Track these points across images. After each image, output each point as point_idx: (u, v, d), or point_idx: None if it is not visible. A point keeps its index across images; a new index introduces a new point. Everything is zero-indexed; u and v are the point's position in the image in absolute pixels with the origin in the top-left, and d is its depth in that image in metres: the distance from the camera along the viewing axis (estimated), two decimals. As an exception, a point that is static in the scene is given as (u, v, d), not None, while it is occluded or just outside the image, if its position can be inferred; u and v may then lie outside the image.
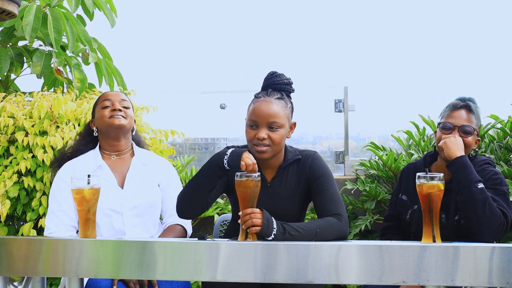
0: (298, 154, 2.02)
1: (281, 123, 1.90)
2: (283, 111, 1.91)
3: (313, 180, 1.97)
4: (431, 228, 1.57)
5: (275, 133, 1.89)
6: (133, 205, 2.09)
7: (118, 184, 2.11)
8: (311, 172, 1.98)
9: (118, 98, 2.18)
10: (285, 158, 2.00)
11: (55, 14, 3.17)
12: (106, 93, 2.23)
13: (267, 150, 1.89)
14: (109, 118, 2.12)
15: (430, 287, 1.42)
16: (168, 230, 2.15)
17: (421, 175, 1.60)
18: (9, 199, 2.44)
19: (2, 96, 2.75)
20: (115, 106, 2.14)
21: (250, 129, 1.91)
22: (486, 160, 2.03)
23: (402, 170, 2.22)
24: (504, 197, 1.91)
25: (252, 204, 1.67)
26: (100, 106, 2.16)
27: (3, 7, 1.67)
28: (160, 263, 1.49)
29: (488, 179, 1.94)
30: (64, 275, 1.54)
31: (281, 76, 1.98)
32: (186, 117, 4.00)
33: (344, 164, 3.52)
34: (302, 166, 2.00)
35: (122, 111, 2.15)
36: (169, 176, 2.24)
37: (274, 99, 1.91)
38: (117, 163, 2.16)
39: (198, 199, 1.85)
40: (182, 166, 3.29)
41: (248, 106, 1.98)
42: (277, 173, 1.99)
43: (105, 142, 2.17)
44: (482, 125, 2.88)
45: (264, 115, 1.88)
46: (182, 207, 1.89)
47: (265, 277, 1.45)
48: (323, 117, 3.82)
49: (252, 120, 1.90)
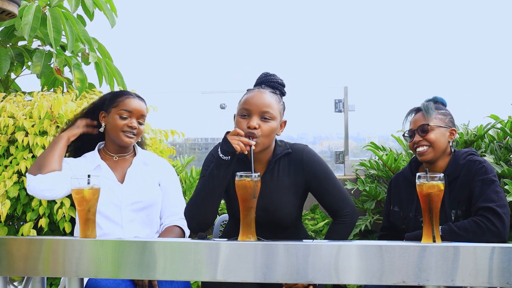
0: (288, 148, 2.00)
1: (273, 115, 1.88)
2: (276, 104, 1.91)
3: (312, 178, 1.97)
4: (431, 228, 1.57)
5: (266, 123, 1.87)
6: (132, 200, 2.09)
7: (118, 180, 2.12)
8: (309, 171, 1.97)
9: (138, 113, 2.13)
10: (274, 153, 1.98)
11: (54, 14, 3.17)
12: (129, 100, 2.14)
13: (258, 143, 1.85)
14: (122, 132, 2.10)
15: (430, 287, 1.42)
16: (166, 232, 2.14)
17: (421, 175, 1.60)
18: (9, 199, 2.44)
19: (2, 96, 2.75)
20: (133, 123, 2.11)
21: (241, 119, 1.88)
22: (468, 152, 2.04)
23: (390, 182, 2.22)
24: (492, 185, 1.90)
25: (252, 204, 1.67)
26: (118, 114, 2.11)
27: (3, 7, 1.67)
28: (160, 263, 1.49)
29: (475, 173, 1.94)
30: (64, 275, 1.54)
31: (274, 76, 1.99)
32: (186, 117, 4.00)
33: (344, 164, 3.52)
34: (294, 160, 1.98)
35: (137, 128, 2.13)
36: (169, 177, 2.24)
37: (268, 91, 1.91)
38: (118, 163, 2.17)
39: (213, 205, 1.85)
40: (182, 166, 3.29)
41: (239, 101, 1.95)
42: (268, 168, 1.97)
43: (110, 143, 2.17)
44: (482, 125, 2.89)
45: (257, 103, 1.86)
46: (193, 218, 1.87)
47: (265, 277, 1.45)
48: (323, 117, 3.83)
49: (244, 109, 1.87)
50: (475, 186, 1.91)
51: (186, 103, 4.08)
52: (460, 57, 6.94)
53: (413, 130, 2.06)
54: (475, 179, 1.92)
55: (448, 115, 2.09)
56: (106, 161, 2.15)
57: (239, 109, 1.92)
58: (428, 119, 2.03)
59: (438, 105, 2.11)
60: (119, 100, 2.14)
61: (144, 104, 2.20)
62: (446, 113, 2.09)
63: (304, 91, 3.81)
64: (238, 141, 1.78)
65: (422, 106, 2.08)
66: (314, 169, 1.97)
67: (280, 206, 1.95)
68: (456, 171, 1.98)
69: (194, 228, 1.88)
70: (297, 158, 1.98)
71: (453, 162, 2.01)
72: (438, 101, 2.13)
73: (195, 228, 1.87)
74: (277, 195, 1.96)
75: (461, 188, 1.95)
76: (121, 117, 2.11)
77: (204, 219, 1.86)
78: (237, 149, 1.77)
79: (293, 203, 1.98)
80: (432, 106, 2.07)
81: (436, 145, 2.00)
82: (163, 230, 2.16)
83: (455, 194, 1.96)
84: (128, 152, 2.20)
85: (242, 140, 1.78)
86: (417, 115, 2.08)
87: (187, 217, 1.90)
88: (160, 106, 3.11)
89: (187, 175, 3.24)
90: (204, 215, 1.86)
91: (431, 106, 2.07)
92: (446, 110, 2.11)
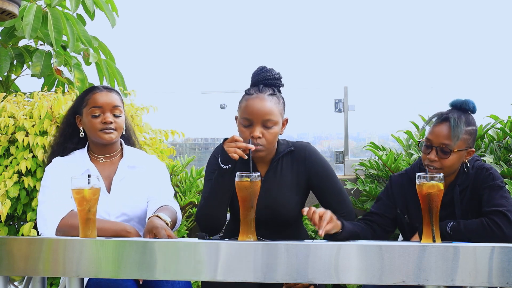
0: (290, 146, 2.02)
1: (275, 120, 1.90)
2: (277, 108, 1.91)
3: (314, 175, 1.99)
4: (431, 228, 1.57)
5: (269, 131, 1.89)
6: (120, 212, 2.01)
7: (105, 188, 2.02)
8: (311, 168, 1.99)
9: (109, 106, 2.00)
10: (277, 151, 2.00)
11: (55, 14, 3.17)
12: (96, 95, 2.02)
13: (262, 149, 1.89)
14: (100, 131, 1.99)
15: (430, 287, 1.43)
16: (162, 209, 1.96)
17: (421, 175, 1.60)
18: (9, 199, 2.44)
19: (2, 96, 2.75)
20: (107, 118, 1.99)
21: (244, 128, 1.90)
22: (474, 158, 1.96)
23: (391, 186, 2.03)
24: (500, 191, 1.85)
25: (252, 204, 1.67)
26: (89, 113, 2.00)
27: (3, 7, 1.67)
28: (160, 263, 1.49)
29: (482, 180, 1.89)
30: (64, 275, 1.55)
31: (271, 71, 1.97)
32: (186, 117, 4.00)
33: (344, 164, 3.53)
34: (297, 158, 2.00)
35: (113, 122, 2.00)
36: (156, 172, 2.13)
37: (267, 96, 1.91)
38: (105, 166, 2.07)
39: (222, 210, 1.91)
40: (182, 166, 3.29)
41: (239, 103, 1.97)
42: (271, 166, 1.99)
43: (94, 145, 2.07)
44: (482, 125, 2.89)
45: (258, 112, 1.87)
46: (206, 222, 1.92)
47: (265, 277, 1.45)
48: (323, 117, 3.83)
49: (245, 119, 1.89)
50: (484, 193, 1.87)
51: (186, 103, 4.08)
52: (460, 57, 6.94)
53: (432, 146, 1.86)
54: (483, 186, 1.88)
55: (474, 132, 1.90)
56: (94, 163, 2.05)
57: (240, 117, 1.93)
58: (453, 140, 1.83)
59: (467, 116, 1.89)
60: (86, 98, 2.03)
61: (116, 94, 2.06)
62: (472, 130, 1.89)
63: (304, 91, 3.81)
64: (235, 149, 1.79)
65: (451, 121, 1.85)
66: (316, 167, 1.99)
67: (282, 203, 1.97)
68: (468, 180, 1.92)
69: (207, 231, 1.92)
70: (299, 155, 2.00)
71: (463, 171, 1.93)
72: (469, 109, 1.92)
73: (209, 231, 1.92)
74: (280, 191, 1.98)
75: (471, 197, 1.91)
76: (94, 116, 1.99)
77: (216, 223, 1.93)
78: (234, 157, 1.79)
79: (295, 200, 2.00)
80: (463, 124, 1.85)
81: (449, 169, 1.86)
82: (159, 208, 1.98)
83: (466, 203, 1.92)
84: (114, 152, 2.09)
85: (239, 146, 1.79)
86: (443, 126, 1.86)
87: (199, 220, 1.94)
88: (160, 106, 3.11)
89: (187, 175, 3.24)
90: (216, 219, 1.93)
91: (462, 124, 1.84)
92: (474, 125, 1.91)
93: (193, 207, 3.16)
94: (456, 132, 1.84)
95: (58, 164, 2.04)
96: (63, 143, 2.10)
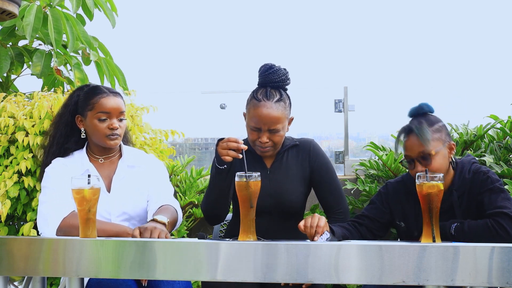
0: (295, 141, 2.12)
1: (282, 126, 1.98)
2: (283, 114, 1.97)
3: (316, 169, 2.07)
4: (431, 228, 1.57)
5: (276, 135, 1.98)
6: (121, 211, 2.01)
7: (105, 188, 2.02)
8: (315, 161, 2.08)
9: (116, 111, 2.01)
10: (282, 145, 2.09)
11: (55, 14, 3.17)
12: (103, 100, 2.01)
13: (270, 150, 2.01)
14: (106, 137, 2.00)
15: (430, 287, 1.43)
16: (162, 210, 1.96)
17: (420, 175, 1.60)
18: (9, 199, 2.45)
19: (2, 96, 2.75)
20: (113, 124, 2.00)
21: (252, 131, 1.99)
22: (470, 161, 1.94)
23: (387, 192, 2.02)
24: (502, 194, 1.83)
25: (252, 204, 1.67)
26: (96, 117, 2.00)
27: (3, 7, 1.67)
28: (160, 263, 1.49)
29: (480, 184, 1.86)
30: (64, 275, 1.55)
31: (278, 72, 1.99)
32: (186, 117, 4.00)
33: (344, 164, 3.53)
34: (302, 150, 2.09)
35: (118, 128, 2.02)
36: (155, 171, 2.13)
37: (274, 103, 1.95)
38: (105, 166, 2.07)
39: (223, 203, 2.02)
40: (182, 166, 3.29)
41: (246, 104, 2.01)
42: (276, 158, 2.08)
43: (94, 146, 2.08)
44: (482, 125, 2.88)
45: (265, 122, 1.95)
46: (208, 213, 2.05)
47: (265, 277, 1.45)
48: (323, 117, 3.83)
49: (253, 126, 1.97)
50: (484, 196, 1.84)
51: (186, 103, 4.09)
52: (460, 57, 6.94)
53: (413, 159, 1.87)
54: (481, 190, 1.85)
55: (442, 127, 1.90)
56: (94, 163, 2.05)
57: (248, 119, 2.00)
58: (426, 144, 1.83)
59: (427, 118, 1.90)
60: (93, 102, 2.01)
61: (121, 99, 2.06)
62: (439, 127, 1.89)
63: (304, 91, 3.81)
64: (227, 151, 1.83)
65: (415, 130, 1.85)
66: (319, 161, 2.09)
67: (287, 192, 2.04)
68: (465, 184, 1.90)
69: (211, 221, 2.09)
70: (305, 148, 2.10)
71: (459, 175, 1.91)
72: (426, 111, 1.92)
73: (212, 221, 2.09)
74: (285, 181, 2.05)
75: (469, 202, 1.89)
76: (100, 120, 2.00)
77: (218, 214, 2.05)
78: (227, 160, 1.83)
79: (300, 190, 2.07)
80: (426, 127, 1.85)
81: (440, 170, 1.83)
82: (158, 208, 1.99)
83: (465, 207, 1.90)
84: (113, 152, 2.11)
85: (230, 146, 1.83)
86: (412, 139, 1.86)
87: (203, 211, 2.07)
88: (160, 106, 3.11)
89: (187, 175, 3.24)
90: (218, 211, 2.04)
91: (425, 127, 1.85)
92: (438, 121, 1.90)
93: (193, 207, 3.16)
94: (425, 137, 1.83)
95: (58, 164, 2.04)
96: (63, 143, 2.10)
